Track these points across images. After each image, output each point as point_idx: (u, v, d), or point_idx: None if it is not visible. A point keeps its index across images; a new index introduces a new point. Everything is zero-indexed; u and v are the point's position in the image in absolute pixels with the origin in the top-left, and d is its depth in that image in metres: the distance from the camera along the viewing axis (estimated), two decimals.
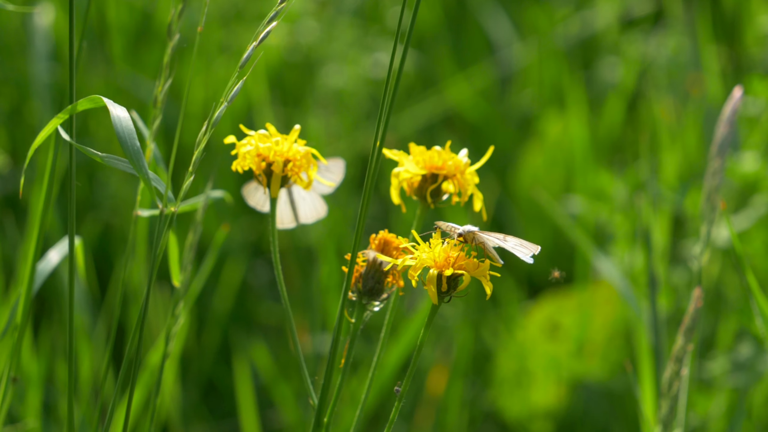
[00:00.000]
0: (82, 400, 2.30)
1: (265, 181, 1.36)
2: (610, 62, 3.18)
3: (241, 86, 1.20)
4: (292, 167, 1.36)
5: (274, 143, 1.36)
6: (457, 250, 1.28)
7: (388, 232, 1.36)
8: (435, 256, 1.28)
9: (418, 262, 1.27)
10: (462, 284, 1.28)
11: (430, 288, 1.27)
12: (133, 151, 1.17)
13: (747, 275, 1.71)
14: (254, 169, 1.35)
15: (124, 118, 1.18)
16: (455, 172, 1.42)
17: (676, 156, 2.72)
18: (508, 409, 2.67)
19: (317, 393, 1.33)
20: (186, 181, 1.19)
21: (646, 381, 2.00)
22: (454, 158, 1.42)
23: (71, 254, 1.23)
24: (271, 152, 1.35)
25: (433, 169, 1.42)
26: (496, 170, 3.14)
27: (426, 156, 1.42)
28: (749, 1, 3.20)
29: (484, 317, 2.80)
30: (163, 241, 1.15)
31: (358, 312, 1.34)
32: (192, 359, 2.69)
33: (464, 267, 1.28)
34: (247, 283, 2.84)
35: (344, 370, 1.35)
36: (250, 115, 2.94)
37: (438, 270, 1.28)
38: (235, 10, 3.03)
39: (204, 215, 1.43)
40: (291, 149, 1.36)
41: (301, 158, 1.36)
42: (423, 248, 1.29)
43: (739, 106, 1.95)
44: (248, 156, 1.35)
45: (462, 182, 1.42)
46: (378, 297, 1.35)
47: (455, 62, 3.32)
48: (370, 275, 1.34)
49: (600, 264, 2.26)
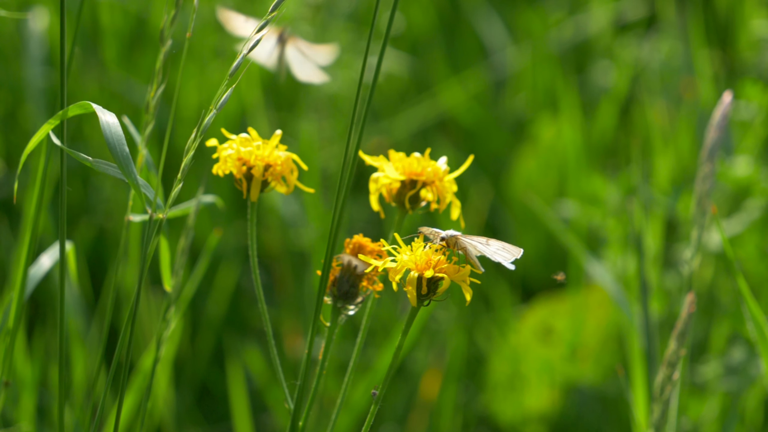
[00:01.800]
0: (76, 404, 2.30)
1: (246, 186, 1.36)
2: (604, 66, 3.19)
3: (231, 94, 1.20)
4: (272, 172, 1.36)
5: (255, 147, 1.36)
6: (438, 254, 1.29)
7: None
8: (416, 259, 1.29)
9: (399, 264, 1.28)
10: (441, 288, 1.29)
11: (409, 290, 1.28)
12: (122, 157, 1.17)
13: (738, 279, 1.71)
14: (235, 172, 1.35)
15: (113, 124, 1.19)
16: (434, 179, 1.42)
17: (669, 160, 2.73)
18: (502, 413, 2.67)
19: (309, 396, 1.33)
20: (175, 187, 1.20)
21: (639, 385, 2.00)
22: (433, 165, 1.42)
23: (62, 259, 1.23)
24: (252, 156, 1.35)
25: (412, 176, 1.42)
26: (490, 174, 3.14)
27: (405, 162, 1.42)
28: (742, 5, 3.20)
29: (477, 321, 2.80)
30: (152, 246, 1.16)
31: (333, 316, 1.35)
32: (186, 363, 2.69)
33: (445, 271, 1.29)
34: (241, 287, 2.84)
35: (319, 375, 1.35)
36: (243, 119, 2.95)
37: (418, 272, 1.28)
38: None
39: (198, 220, 1.43)
40: (272, 154, 1.36)
41: (282, 163, 1.36)
42: (404, 251, 1.29)
43: (731, 111, 1.96)
44: (229, 160, 1.35)
45: (440, 189, 1.42)
46: (353, 301, 1.36)
47: (449, 66, 3.33)
48: (345, 279, 1.35)
49: (592, 268, 2.27)
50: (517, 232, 3.00)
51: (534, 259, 2.98)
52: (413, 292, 1.29)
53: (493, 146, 3.17)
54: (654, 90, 2.96)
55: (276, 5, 1.21)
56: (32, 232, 1.47)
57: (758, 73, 2.96)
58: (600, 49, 3.26)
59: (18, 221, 2.68)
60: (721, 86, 2.91)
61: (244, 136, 1.37)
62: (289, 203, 2.82)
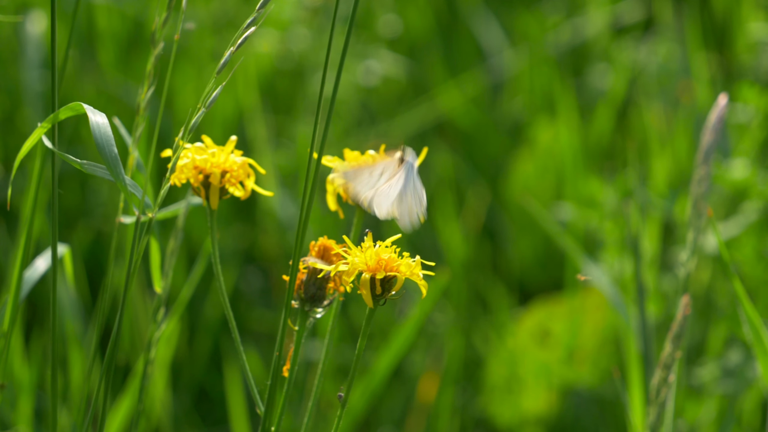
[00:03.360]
0: (73, 407, 2.31)
1: (204, 194, 1.35)
2: (601, 69, 3.19)
3: (220, 92, 1.20)
4: (229, 178, 1.35)
5: (211, 155, 1.35)
6: (389, 252, 1.29)
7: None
8: (367, 260, 1.29)
9: (351, 267, 1.28)
10: (395, 286, 1.28)
11: (363, 292, 1.28)
12: (111, 158, 1.17)
13: (734, 282, 1.72)
14: (192, 181, 1.35)
15: (102, 124, 1.19)
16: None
17: (667, 163, 2.73)
18: (499, 416, 2.67)
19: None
20: (163, 187, 1.20)
21: (635, 388, 2.00)
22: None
23: (54, 264, 1.24)
24: (208, 164, 1.35)
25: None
26: (488, 177, 3.14)
27: (360, 161, 1.42)
28: (740, 8, 3.21)
29: (474, 324, 2.80)
30: (142, 247, 1.16)
31: (301, 319, 1.35)
32: (184, 366, 2.69)
33: (396, 269, 1.28)
34: (238, 290, 2.84)
35: (290, 379, 1.35)
36: (241, 123, 2.95)
37: (370, 273, 1.28)
38: (226, 17, 3.04)
39: (195, 223, 1.43)
40: (228, 160, 1.35)
41: (238, 168, 1.36)
42: (355, 252, 1.29)
43: (728, 113, 1.96)
44: (185, 169, 1.34)
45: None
46: (320, 303, 1.35)
47: (447, 69, 3.33)
48: (312, 282, 1.35)
49: (589, 271, 2.27)
50: (514, 235, 3.00)
51: (531, 261, 2.99)
52: (367, 293, 1.29)
53: (490, 149, 3.17)
54: (651, 93, 2.97)
55: (263, 3, 1.21)
56: (27, 234, 1.47)
57: (755, 75, 2.96)
58: (597, 52, 3.26)
59: (17, 224, 2.68)
60: (719, 89, 2.92)
61: (198, 145, 1.36)
62: (286, 206, 2.82)
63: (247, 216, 2.94)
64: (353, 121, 3.06)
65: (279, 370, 1.32)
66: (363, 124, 3.14)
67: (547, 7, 3.42)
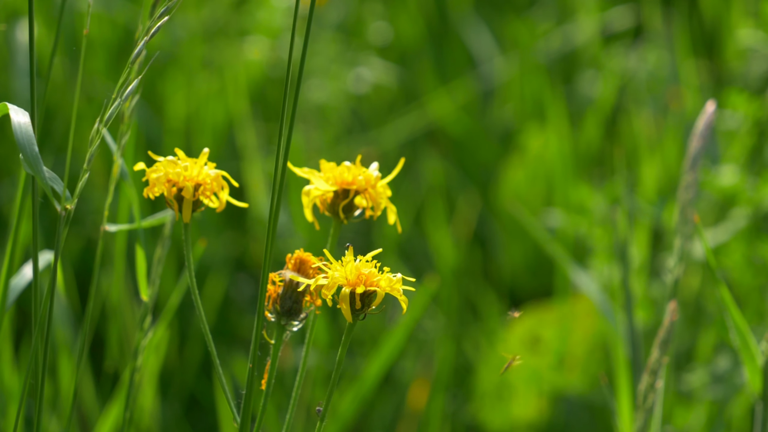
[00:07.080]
0: (63, 415, 2.31)
1: (177, 207, 1.35)
2: (591, 76, 3.19)
3: (137, 84, 1.21)
4: (203, 191, 1.35)
5: (183, 168, 1.35)
6: (369, 267, 1.28)
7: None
8: (347, 274, 1.28)
9: (330, 281, 1.27)
10: (375, 301, 1.27)
11: (343, 306, 1.27)
12: (32, 156, 1.20)
13: (720, 288, 1.72)
14: (165, 195, 1.34)
15: (24, 124, 1.22)
16: (366, 187, 1.41)
17: (656, 169, 2.73)
18: (490, 422, 2.68)
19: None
20: (81, 178, 1.21)
21: (623, 394, 2.00)
22: (365, 173, 1.41)
23: (35, 274, 1.24)
24: (181, 177, 1.35)
25: (343, 185, 1.41)
26: (478, 184, 3.15)
27: (336, 172, 1.41)
28: (729, 15, 3.21)
29: (465, 330, 2.80)
30: (62, 246, 1.16)
31: (277, 333, 1.34)
32: (174, 374, 2.70)
33: (376, 284, 1.28)
34: (229, 298, 2.85)
35: (267, 391, 1.35)
36: (231, 130, 2.95)
37: (350, 288, 1.28)
38: (217, 25, 3.04)
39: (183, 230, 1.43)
40: (201, 173, 1.35)
41: (212, 181, 1.35)
42: (335, 266, 1.28)
43: (717, 120, 1.96)
44: (158, 183, 1.34)
45: (374, 196, 1.41)
46: (296, 317, 1.35)
47: (437, 76, 3.33)
48: (288, 295, 1.34)
49: (578, 278, 2.27)
50: (505, 242, 3.01)
51: (522, 268, 2.99)
52: (347, 308, 1.28)
53: (481, 156, 3.18)
54: (641, 100, 2.97)
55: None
56: (12, 242, 1.47)
57: (745, 82, 2.97)
58: (587, 59, 3.27)
59: (4, 232, 2.68)
60: (708, 96, 2.92)
61: (170, 159, 1.36)
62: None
63: (238, 224, 2.95)
64: (344, 129, 3.07)
65: (253, 384, 1.32)
66: (353, 131, 3.15)
67: (538, 15, 3.42)
